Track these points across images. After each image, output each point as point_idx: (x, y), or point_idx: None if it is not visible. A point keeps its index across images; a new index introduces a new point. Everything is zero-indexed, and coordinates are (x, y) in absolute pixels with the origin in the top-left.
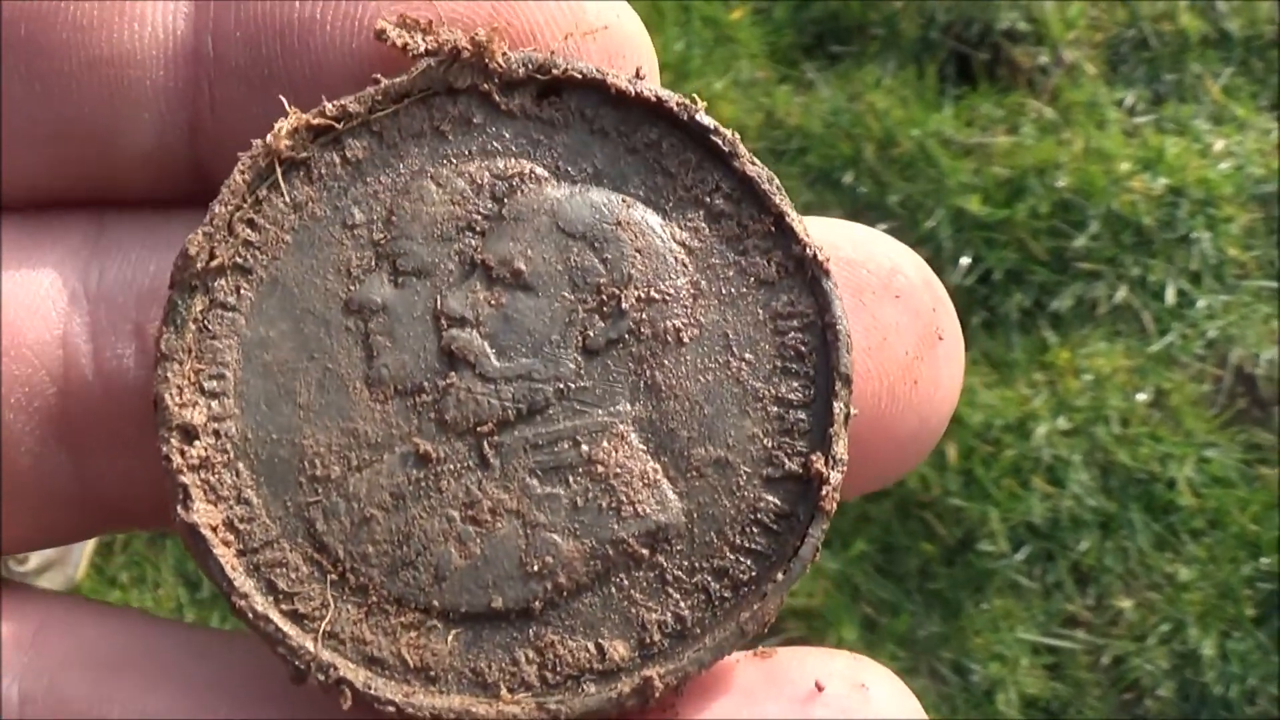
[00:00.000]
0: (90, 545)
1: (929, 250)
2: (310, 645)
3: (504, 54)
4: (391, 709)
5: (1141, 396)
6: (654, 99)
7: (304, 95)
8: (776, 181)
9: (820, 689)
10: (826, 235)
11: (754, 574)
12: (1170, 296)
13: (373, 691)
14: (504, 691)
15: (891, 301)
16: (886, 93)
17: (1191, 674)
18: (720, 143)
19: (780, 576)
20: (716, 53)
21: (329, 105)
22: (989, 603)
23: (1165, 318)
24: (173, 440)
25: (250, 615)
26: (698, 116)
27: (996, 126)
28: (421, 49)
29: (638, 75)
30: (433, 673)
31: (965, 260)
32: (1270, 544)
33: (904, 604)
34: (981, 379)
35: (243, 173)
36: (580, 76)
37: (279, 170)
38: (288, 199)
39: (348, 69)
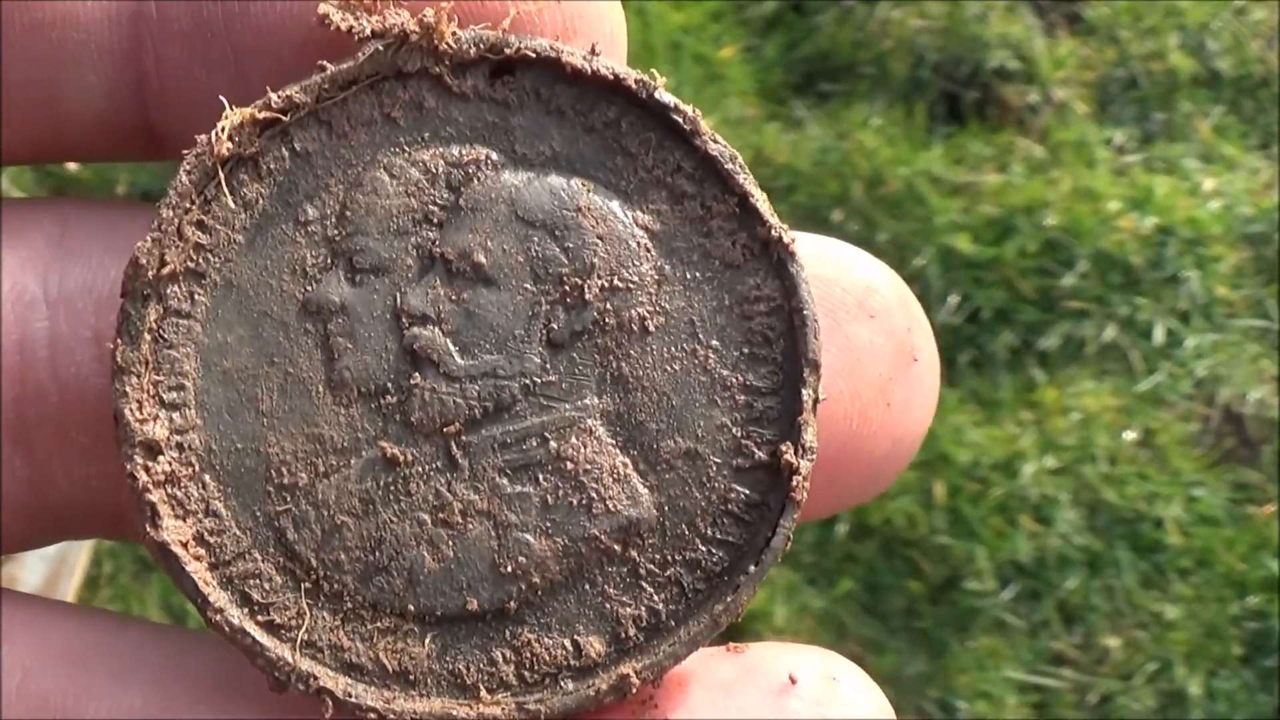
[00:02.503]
0: (77, 579)
1: (917, 289)
2: (289, 655)
3: (454, 34)
4: (373, 716)
5: (1129, 435)
6: (611, 76)
7: (248, 59)
8: (740, 160)
9: (793, 682)
10: (802, 251)
11: (726, 565)
12: (1159, 336)
13: (353, 700)
14: (483, 692)
15: (866, 321)
16: (875, 131)
17: (1178, 713)
18: (681, 121)
19: (752, 568)
20: (706, 90)
21: (274, 97)
22: (975, 641)
23: (1153, 357)
24: (136, 457)
25: (227, 629)
26: (656, 94)
27: (985, 165)
28: (367, 32)
29: (593, 51)
30: (412, 676)
31: (953, 299)
32: (1257, 583)
33: (890, 643)
34: (969, 417)
35: (189, 172)
36: (534, 55)
37: (222, 176)
38: (232, 203)
39: (291, 33)
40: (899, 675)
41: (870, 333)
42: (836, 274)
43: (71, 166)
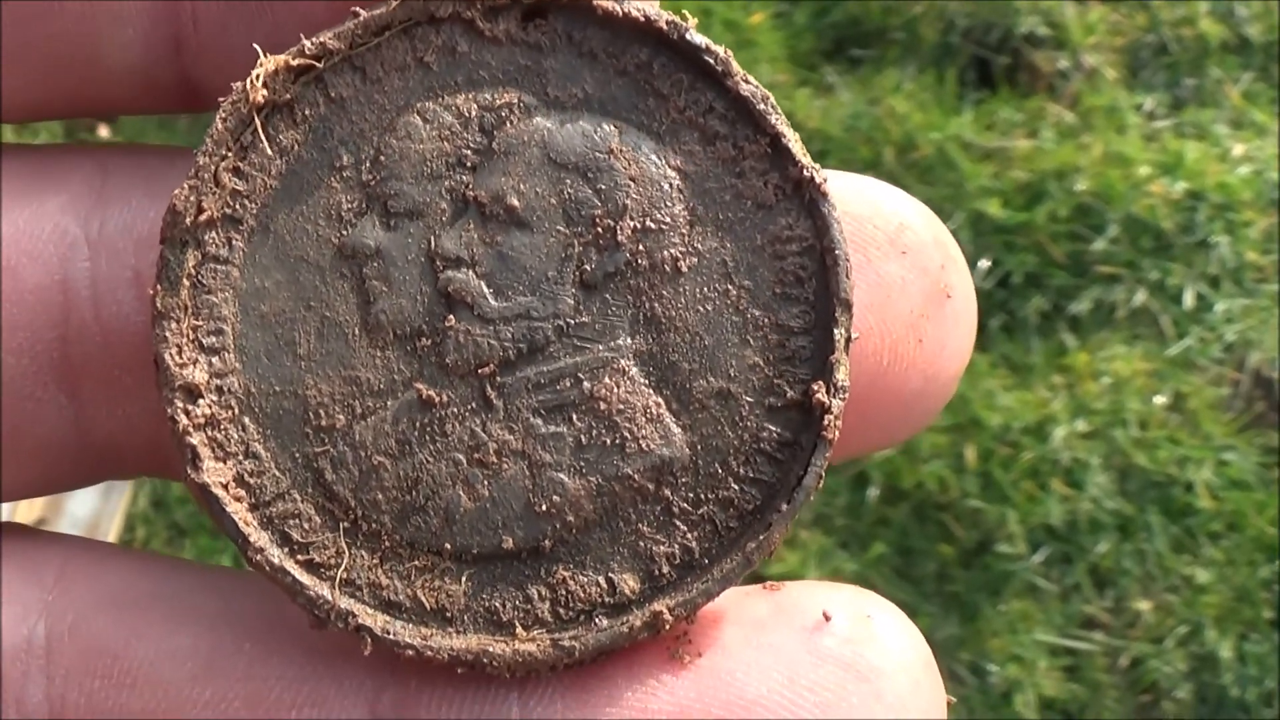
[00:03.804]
0: (112, 540)
1: None
2: (328, 594)
3: None
4: (411, 652)
5: (1160, 400)
6: (642, 18)
7: (283, 10)
8: (772, 100)
9: (827, 619)
10: (836, 189)
11: (759, 503)
12: (1189, 300)
13: (391, 636)
14: (519, 629)
15: (897, 258)
16: (906, 97)
17: (1209, 676)
18: (712, 62)
19: (785, 506)
20: (737, 56)
21: (308, 43)
22: (1007, 605)
23: (1184, 321)
24: (177, 401)
25: (268, 568)
26: (688, 35)
27: (1016, 131)
28: None
29: None
30: (449, 614)
31: (984, 263)
32: None
33: (922, 606)
34: (1000, 381)
35: (224, 120)
36: None
37: (258, 122)
38: (269, 149)
39: None
40: (931, 638)
41: (902, 269)
42: (869, 211)
43: (103, 132)
